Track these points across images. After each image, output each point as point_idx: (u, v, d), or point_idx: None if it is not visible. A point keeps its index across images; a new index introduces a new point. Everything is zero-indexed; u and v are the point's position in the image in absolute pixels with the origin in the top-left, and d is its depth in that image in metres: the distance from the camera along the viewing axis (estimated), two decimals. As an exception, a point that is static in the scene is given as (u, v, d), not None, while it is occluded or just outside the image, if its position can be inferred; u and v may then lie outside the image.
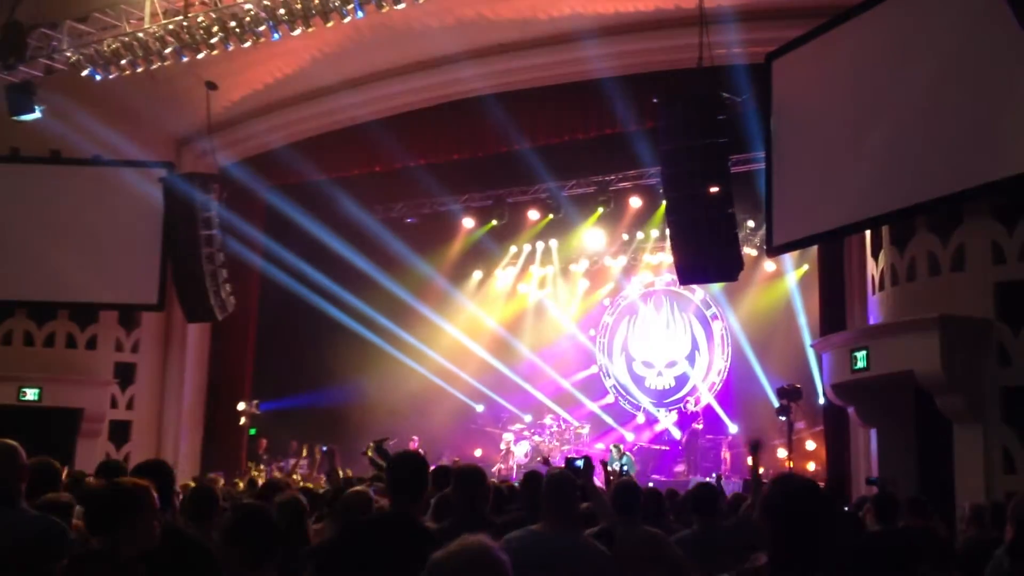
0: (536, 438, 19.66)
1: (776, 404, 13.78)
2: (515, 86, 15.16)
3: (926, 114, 10.53)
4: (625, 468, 14.99)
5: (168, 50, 13.01)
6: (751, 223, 17.75)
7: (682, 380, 20.41)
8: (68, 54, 13.56)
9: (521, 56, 14.88)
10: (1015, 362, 10.13)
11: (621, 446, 17.63)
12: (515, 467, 18.36)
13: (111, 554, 3.57)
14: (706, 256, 12.83)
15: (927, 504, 7.69)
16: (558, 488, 4.58)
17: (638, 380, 20.91)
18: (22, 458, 4.33)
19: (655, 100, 12.78)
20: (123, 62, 13.29)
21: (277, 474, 14.93)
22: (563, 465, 7.13)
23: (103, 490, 3.69)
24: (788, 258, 17.51)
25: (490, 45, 14.70)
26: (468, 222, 20.65)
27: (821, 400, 15.17)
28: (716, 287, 19.26)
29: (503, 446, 19.36)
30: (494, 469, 18.40)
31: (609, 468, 14.99)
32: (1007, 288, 10.33)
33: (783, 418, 13.26)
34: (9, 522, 4.14)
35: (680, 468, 18.28)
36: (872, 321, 12.43)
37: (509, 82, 15.11)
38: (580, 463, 5.96)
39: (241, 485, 11.72)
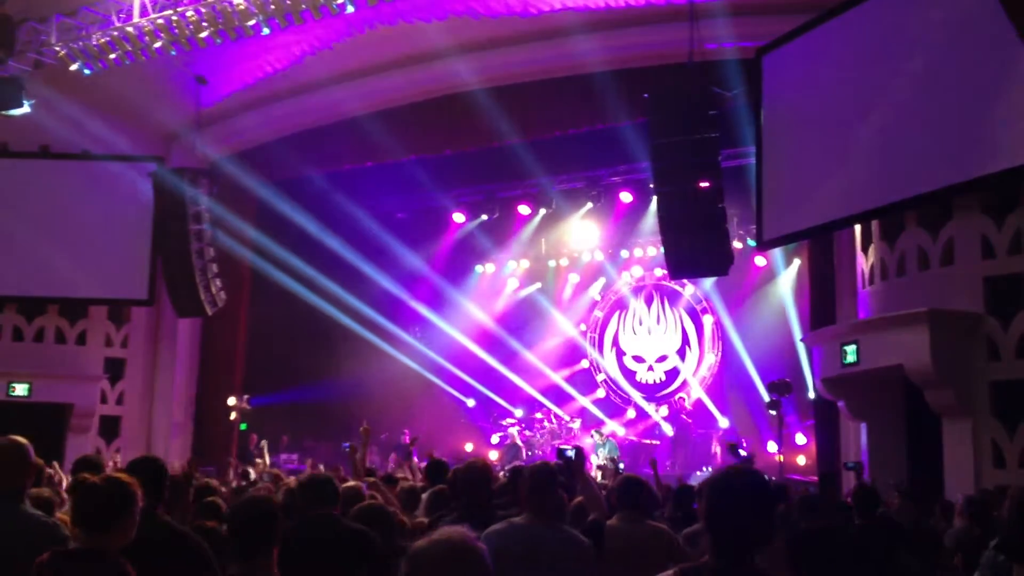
0: (527, 432, 19.66)
1: (767, 398, 13.82)
2: (506, 80, 15.13)
3: (916, 109, 10.57)
4: (611, 456, 15.05)
5: (157, 44, 12.95)
6: (741, 217, 17.74)
7: (673, 375, 20.42)
8: (57, 48, 13.49)
9: (512, 50, 14.85)
10: (1004, 356, 10.19)
11: (602, 430, 17.57)
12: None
13: (98, 550, 3.58)
14: (696, 251, 12.85)
15: (911, 491, 7.75)
16: (539, 480, 4.59)
17: (629, 375, 20.91)
18: (31, 456, 4.27)
19: (646, 95, 12.78)
20: (112, 56, 13.24)
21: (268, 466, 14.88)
22: (555, 456, 7.12)
23: (100, 487, 3.67)
24: (779, 252, 17.55)
25: (481, 39, 14.68)
26: (459, 217, 20.65)
27: (811, 394, 15.23)
28: (706, 282, 19.26)
29: (509, 440, 19.21)
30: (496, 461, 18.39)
31: (596, 456, 14.97)
32: (996, 282, 10.38)
33: (773, 412, 13.31)
34: (13, 520, 4.11)
35: (670, 462, 18.28)
36: (862, 315, 12.47)
37: (500, 76, 15.08)
38: (571, 453, 5.93)
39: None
